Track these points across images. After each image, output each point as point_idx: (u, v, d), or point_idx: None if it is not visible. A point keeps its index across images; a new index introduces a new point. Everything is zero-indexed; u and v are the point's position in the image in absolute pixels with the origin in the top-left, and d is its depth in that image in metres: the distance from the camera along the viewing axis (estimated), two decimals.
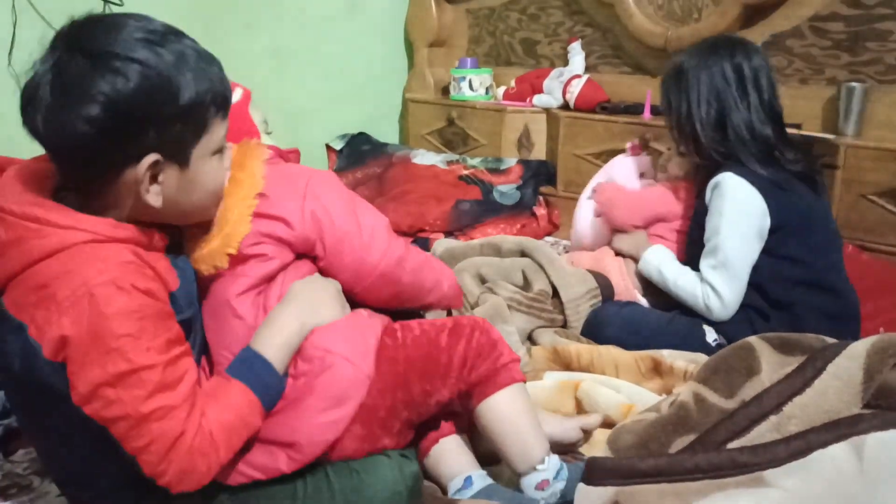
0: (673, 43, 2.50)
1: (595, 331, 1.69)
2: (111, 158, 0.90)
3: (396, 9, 3.27)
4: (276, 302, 1.08)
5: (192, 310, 1.02)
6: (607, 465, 0.93)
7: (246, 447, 1.00)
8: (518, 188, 2.69)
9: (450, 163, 2.83)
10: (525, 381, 1.18)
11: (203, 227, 1.04)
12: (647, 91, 2.53)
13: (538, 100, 2.81)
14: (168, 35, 0.92)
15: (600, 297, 1.74)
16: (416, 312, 1.29)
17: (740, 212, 1.57)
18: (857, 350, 1.06)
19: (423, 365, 1.11)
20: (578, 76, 2.70)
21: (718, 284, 1.59)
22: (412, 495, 1.07)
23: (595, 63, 2.79)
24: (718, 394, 1.10)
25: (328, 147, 3.09)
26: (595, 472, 0.94)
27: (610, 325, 1.67)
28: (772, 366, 1.13)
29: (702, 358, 1.46)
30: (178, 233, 1.04)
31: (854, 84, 2.14)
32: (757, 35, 2.37)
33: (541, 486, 1.10)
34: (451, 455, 1.18)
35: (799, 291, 1.58)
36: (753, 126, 1.60)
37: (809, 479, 0.90)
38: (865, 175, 2.05)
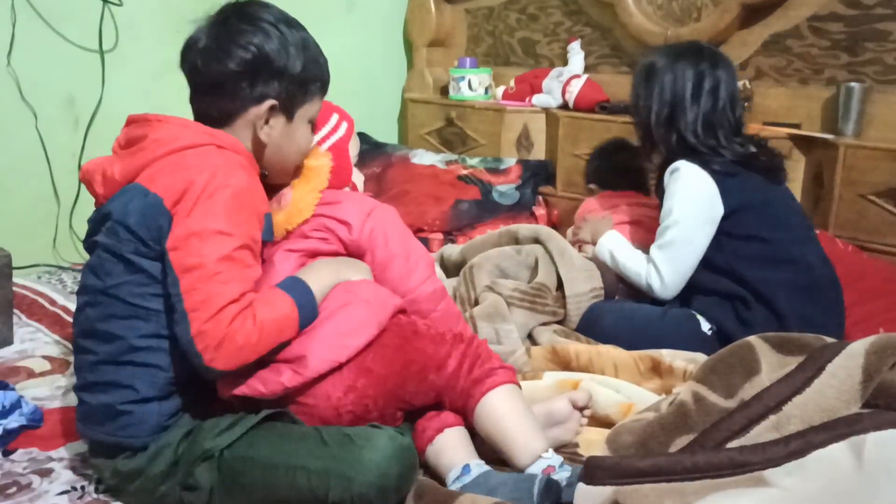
0: (672, 42, 2.50)
1: (590, 322, 1.71)
2: (245, 94, 1.19)
3: (395, 8, 3.27)
4: None
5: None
6: (607, 465, 0.93)
7: (257, 363, 1.12)
8: (517, 188, 2.69)
9: (449, 163, 2.83)
10: (520, 387, 1.23)
11: (276, 199, 1.28)
12: None
13: (537, 100, 2.81)
14: (297, 23, 1.24)
15: (602, 297, 1.75)
16: None
17: (692, 196, 1.65)
18: (856, 349, 1.07)
19: (425, 346, 1.20)
20: (578, 76, 2.70)
21: (661, 263, 1.67)
22: (404, 464, 1.08)
23: (594, 63, 2.79)
24: (717, 393, 1.11)
25: None
26: (594, 472, 0.94)
27: (605, 316, 1.70)
28: (771, 365, 1.14)
29: (701, 357, 1.46)
30: None
31: (853, 84, 2.14)
32: (756, 35, 2.37)
33: (546, 472, 1.11)
34: (452, 446, 1.20)
35: (765, 269, 1.62)
36: (698, 131, 1.68)
37: (808, 478, 0.90)
38: (865, 175, 2.05)
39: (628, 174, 2.15)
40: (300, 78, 1.21)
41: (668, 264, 1.67)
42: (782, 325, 1.56)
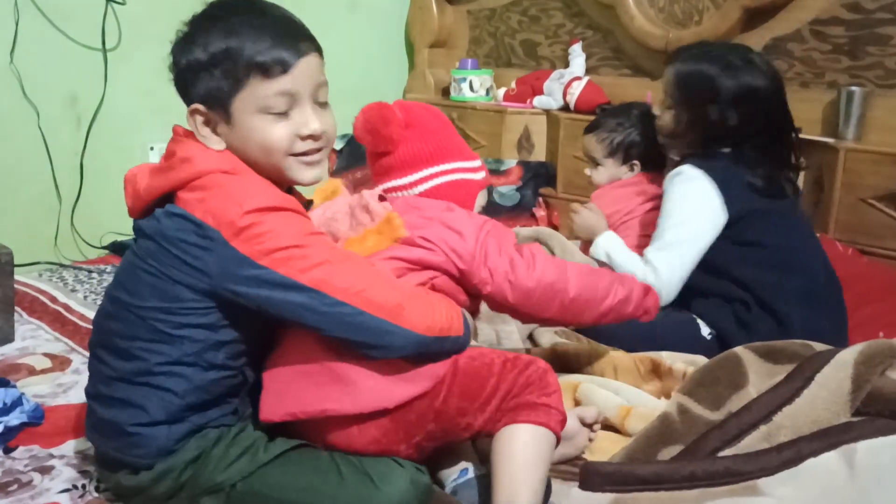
0: (673, 45, 2.49)
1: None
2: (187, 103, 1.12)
3: (397, 9, 3.28)
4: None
5: None
6: (606, 471, 0.93)
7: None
8: (518, 189, 2.70)
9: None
10: (559, 438, 1.10)
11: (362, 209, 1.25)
12: (648, 93, 2.54)
13: (538, 101, 2.81)
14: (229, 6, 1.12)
15: None
16: None
17: (697, 201, 1.64)
18: (845, 359, 1.07)
19: (469, 383, 1.10)
20: (579, 78, 2.71)
21: (659, 263, 1.64)
22: None
23: (595, 65, 2.80)
24: (703, 405, 1.11)
25: None
26: (591, 478, 0.94)
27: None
28: (759, 375, 1.14)
29: (700, 359, 1.46)
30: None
31: (854, 88, 2.15)
32: (757, 38, 2.38)
33: None
34: (453, 451, 1.19)
35: (767, 274, 1.61)
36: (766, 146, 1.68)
37: (802, 487, 0.91)
38: (865, 179, 2.05)
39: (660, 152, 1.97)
40: (212, 61, 1.07)
41: (666, 266, 1.64)
42: (783, 329, 1.55)
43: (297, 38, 1.11)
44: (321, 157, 1.15)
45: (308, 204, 1.22)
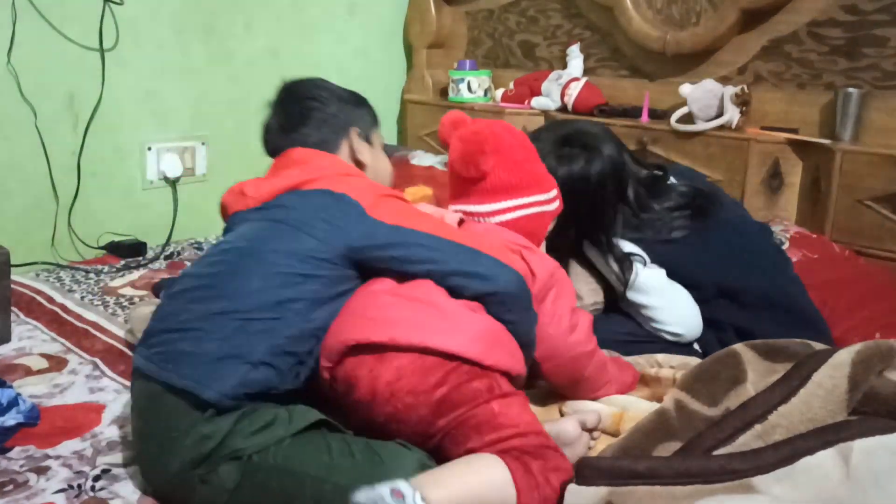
0: (671, 47, 2.51)
1: None
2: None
3: (395, 10, 3.28)
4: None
5: None
6: (601, 465, 0.93)
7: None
8: None
9: (447, 164, 2.83)
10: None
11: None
12: (646, 94, 2.54)
13: (536, 102, 2.81)
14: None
15: (602, 311, 1.74)
16: None
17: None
18: (843, 359, 1.07)
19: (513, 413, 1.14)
20: (577, 79, 2.71)
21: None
22: None
23: (593, 66, 2.80)
24: (700, 401, 1.10)
25: None
26: (585, 472, 0.94)
27: (601, 330, 1.67)
28: (758, 373, 1.14)
29: (694, 361, 1.46)
30: None
31: (851, 89, 2.15)
32: (754, 40, 2.38)
33: None
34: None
35: (743, 311, 1.66)
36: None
37: (797, 485, 0.91)
38: (862, 180, 2.06)
39: None
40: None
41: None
42: None
43: None
44: None
45: None
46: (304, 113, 1.48)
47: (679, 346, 1.65)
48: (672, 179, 1.80)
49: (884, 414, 1.03)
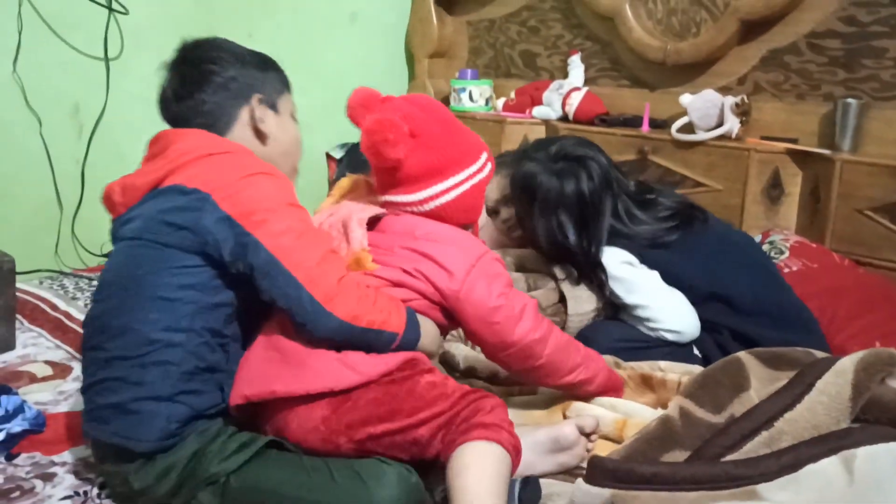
0: (672, 57, 2.53)
1: (586, 340, 1.69)
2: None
3: (397, 20, 3.30)
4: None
5: None
6: (608, 467, 0.94)
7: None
8: None
9: None
10: (514, 462, 1.10)
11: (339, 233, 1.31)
12: (646, 104, 2.56)
13: (537, 111, 2.83)
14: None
15: (602, 317, 1.76)
16: None
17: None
18: (846, 366, 1.08)
19: (421, 393, 1.14)
20: (577, 89, 2.72)
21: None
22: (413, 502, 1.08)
23: (594, 76, 2.82)
24: (705, 409, 1.12)
25: (328, 156, 3.11)
26: (595, 472, 0.95)
27: (600, 334, 1.69)
28: (761, 380, 1.15)
29: (698, 370, 1.47)
30: None
31: (850, 100, 2.16)
32: (754, 50, 2.40)
33: None
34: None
35: (736, 316, 1.68)
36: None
37: (801, 492, 0.92)
38: (861, 190, 2.07)
39: None
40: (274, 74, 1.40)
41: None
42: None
43: None
44: None
45: None
46: (201, 77, 1.32)
47: (679, 350, 1.67)
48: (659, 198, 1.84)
49: (885, 421, 1.04)
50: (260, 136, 1.36)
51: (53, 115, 2.35)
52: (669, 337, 1.66)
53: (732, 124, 2.35)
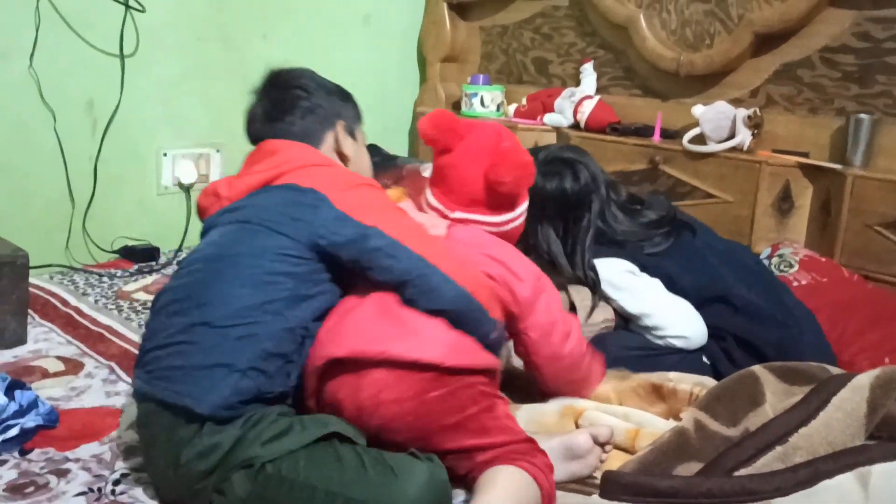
0: (685, 67, 2.53)
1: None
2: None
3: (410, 23, 3.32)
4: None
5: None
6: (624, 481, 0.95)
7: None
8: None
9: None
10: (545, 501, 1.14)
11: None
12: (658, 114, 2.57)
13: (549, 118, 2.83)
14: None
15: (612, 328, 1.76)
16: None
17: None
18: (862, 383, 1.09)
19: (496, 418, 1.22)
20: (590, 97, 2.73)
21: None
22: (441, 500, 1.10)
23: (606, 84, 2.82)
24: (720, 421, 1.12)
25: None
26: (611, 486, 0.96)
27: (611, 344, 1.69)
28: (776, 395, 1.16)
29: (708, 381, 1.47)
30: None
31: (863, 115, 2.17)
32: (768, 63, 2.41)
33: None
34: None
35: (744, 323, 1.69)
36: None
37: None
38: (872, 206, 2.07)
39: None
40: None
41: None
42: (761, 356, 1.58)
43: None
44: None
45: None
46: (290, 101, 1.47)
47: (689, 357, 1.67)
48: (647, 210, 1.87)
49: None
50: (342, 158, 1.51)
51: (68, 110, 2.36)
52: (678, 343, 1.67)
53: (744, 136, 2.35)
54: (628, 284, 1.72)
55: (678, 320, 1.68)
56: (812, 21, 2.29)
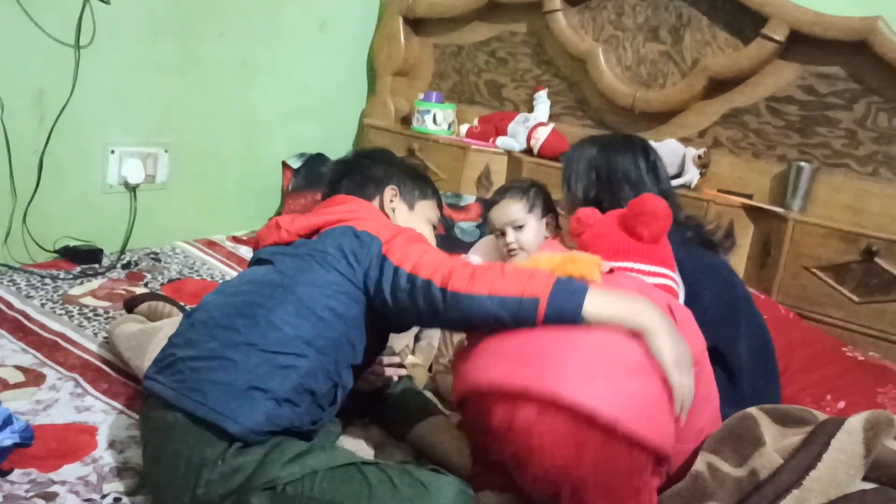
0: (640, 104, 2.64)
1: None
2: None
3: (363, 34, 3.31)
4: None
5: None
6: None
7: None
8: (478, 226, 2.75)
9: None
10: None
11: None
12: None
13: (501, 142, 2.88)
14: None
15: None
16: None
17: None
18: (855, 426, 1.18)
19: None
20: (544, 124, 2.80)
21: None
22: None
23: (559, 113, 2.90)
24: (729, 463, 1.19)
25: (284, 164, 3.06)
26: None
27: None
28: (773, 437, 1.23)
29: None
30: None
31: (803, 164, 2.33)
32: (717, 107, 2.55)
33: None
34: None
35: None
36: None
37: None
38: (809, 249, 2.23)
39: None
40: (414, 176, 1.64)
41: None
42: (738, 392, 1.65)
43: None
44: None
45: None
46: (353, 167, 1.61)
47: None
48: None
49: (885, 481, 1.14)
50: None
51: (16, 99, 2.22)
52: None
53: (693, 175, 2.49)
54: None
55: None
56: (761, 71, 2.44)
